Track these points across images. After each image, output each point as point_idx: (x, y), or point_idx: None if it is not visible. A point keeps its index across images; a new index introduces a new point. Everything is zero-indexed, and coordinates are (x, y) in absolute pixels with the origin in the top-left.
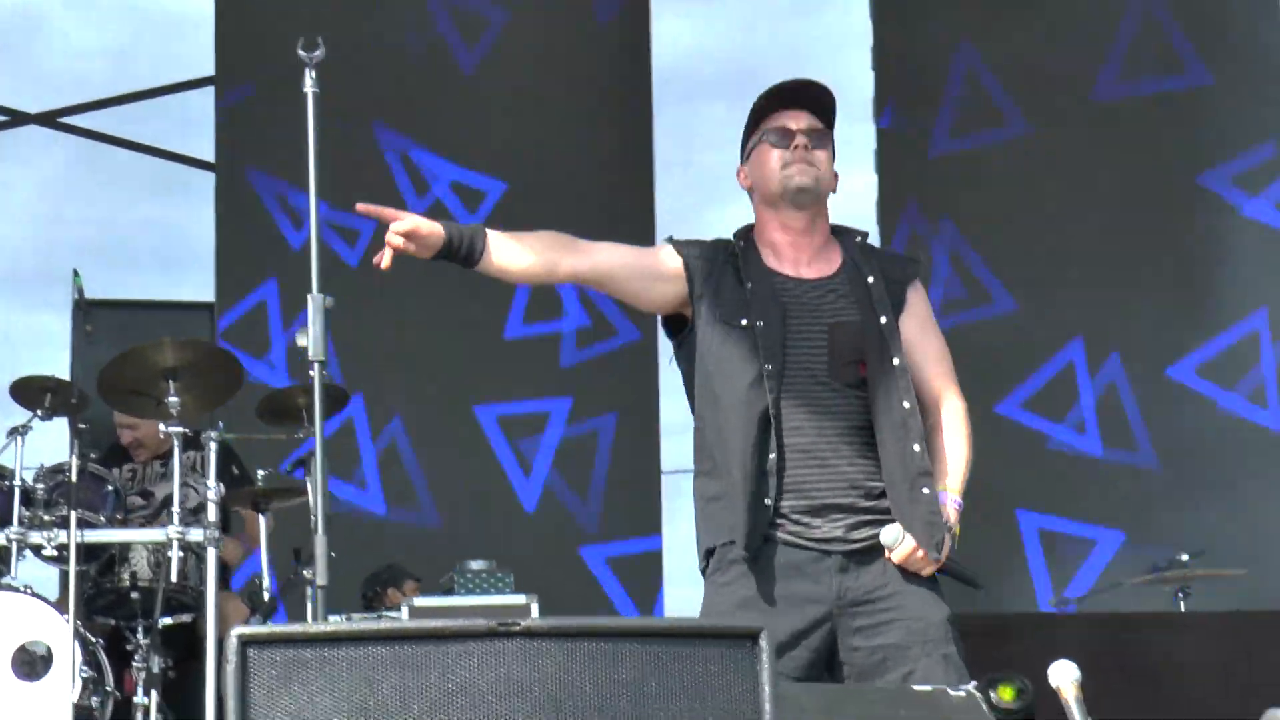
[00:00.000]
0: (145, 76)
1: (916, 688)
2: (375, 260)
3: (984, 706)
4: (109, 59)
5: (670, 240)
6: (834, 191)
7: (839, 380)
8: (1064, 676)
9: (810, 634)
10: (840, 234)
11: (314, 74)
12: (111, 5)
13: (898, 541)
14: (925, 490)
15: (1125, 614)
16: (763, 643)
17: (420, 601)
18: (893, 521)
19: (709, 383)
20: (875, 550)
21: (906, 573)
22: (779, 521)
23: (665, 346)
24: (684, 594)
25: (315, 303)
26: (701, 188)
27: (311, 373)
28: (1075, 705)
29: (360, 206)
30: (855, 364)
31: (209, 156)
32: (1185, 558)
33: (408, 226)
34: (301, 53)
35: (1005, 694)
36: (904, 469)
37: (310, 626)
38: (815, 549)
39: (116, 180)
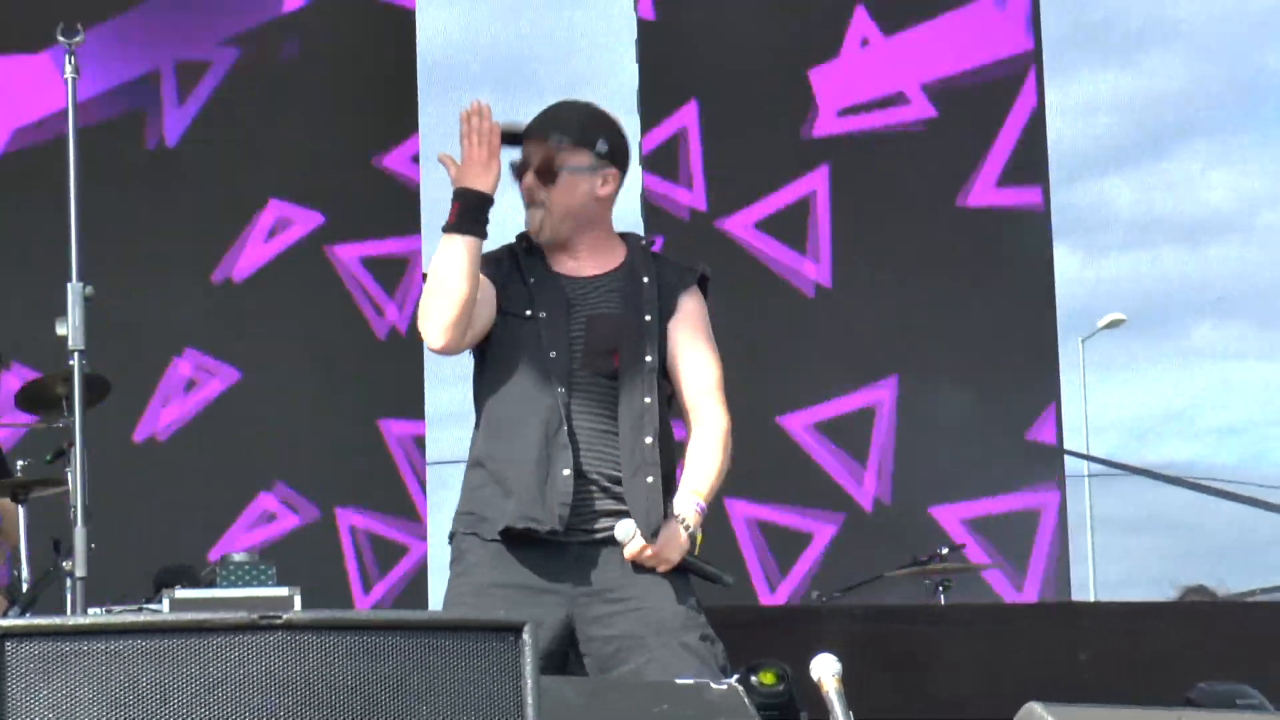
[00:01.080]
0: None
1: (679, 681)
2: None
3: (745, 700)
4: None
5: None
6: (595, 202)
7: (590, 370)
8: (825, 669)
9: (549, 623)
10: (625, 237)
11: (74, 60)
12: None
13: (629, 538)
14: (649, 480)
15: (888, 606)
16: (526, 636)
17: (181, 593)
18: (629, 516)
19: (496, 372)
20: (614, 542)
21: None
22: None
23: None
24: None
25: (74, 292)
26: None
27: (70, 362)
28: (836, 698)
29: (441, 155)
30: (609, 355)
31: None
32: (945, 550)
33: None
34: (61, 38)
35: (766, 679)
36: (632, 459)
37: (70, 620)
38: (556, 539)
39: None
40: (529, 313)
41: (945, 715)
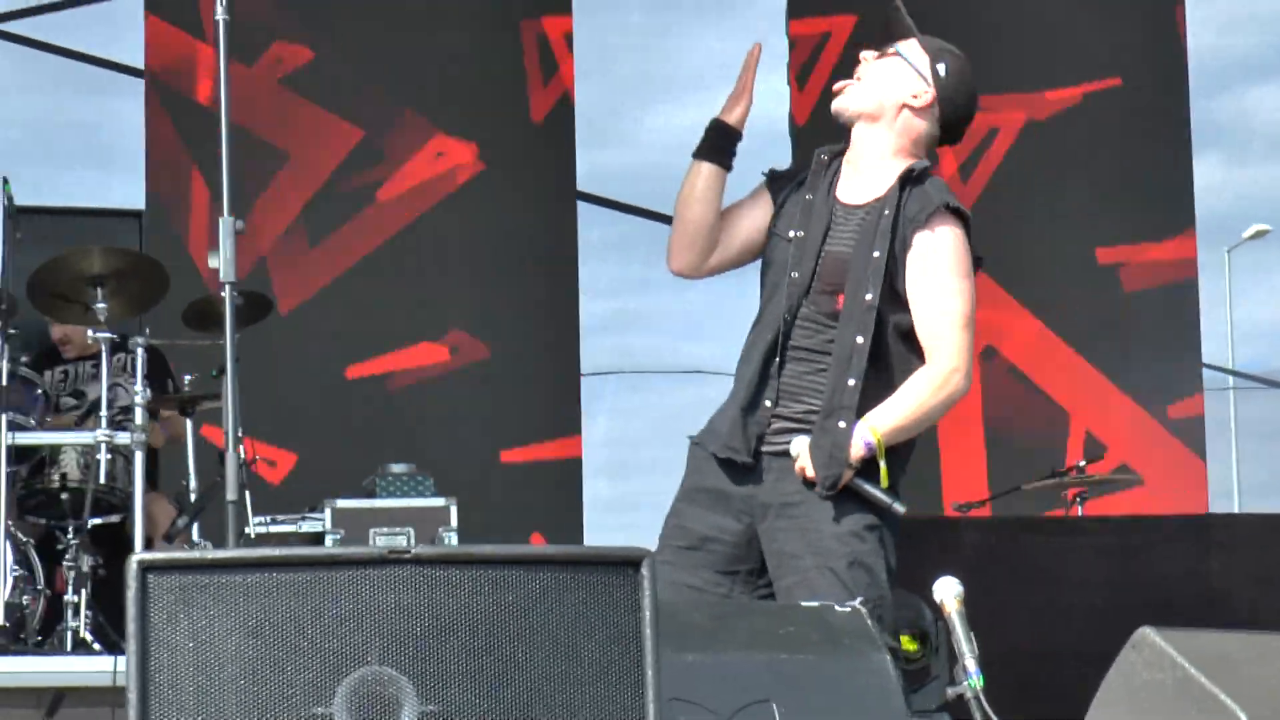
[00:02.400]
0: None
1: (804, 604)
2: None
3: (868, 622)
4: None
5: (768, 176)
6: (901, 106)
7: (815, 308)
8: (947, 591)
9: (730, 533)
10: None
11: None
12: None
13: (797, 456)
14: (841, 424)
15: (1024, 518)
16: (644, 570)
17: (342, 503)
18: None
19: (761, 291)
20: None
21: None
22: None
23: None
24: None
25: (225, 226)
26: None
27: (223, 293)
28: (958, 619)
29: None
30: (834, 294)
31: (139, 63)
32: (1082, 463)
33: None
34: None
35: (908, 645)
36: (831, 399)
37: (207, 553)
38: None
39: (46, 85)
40: (790, 234)
41: (1079, 627)
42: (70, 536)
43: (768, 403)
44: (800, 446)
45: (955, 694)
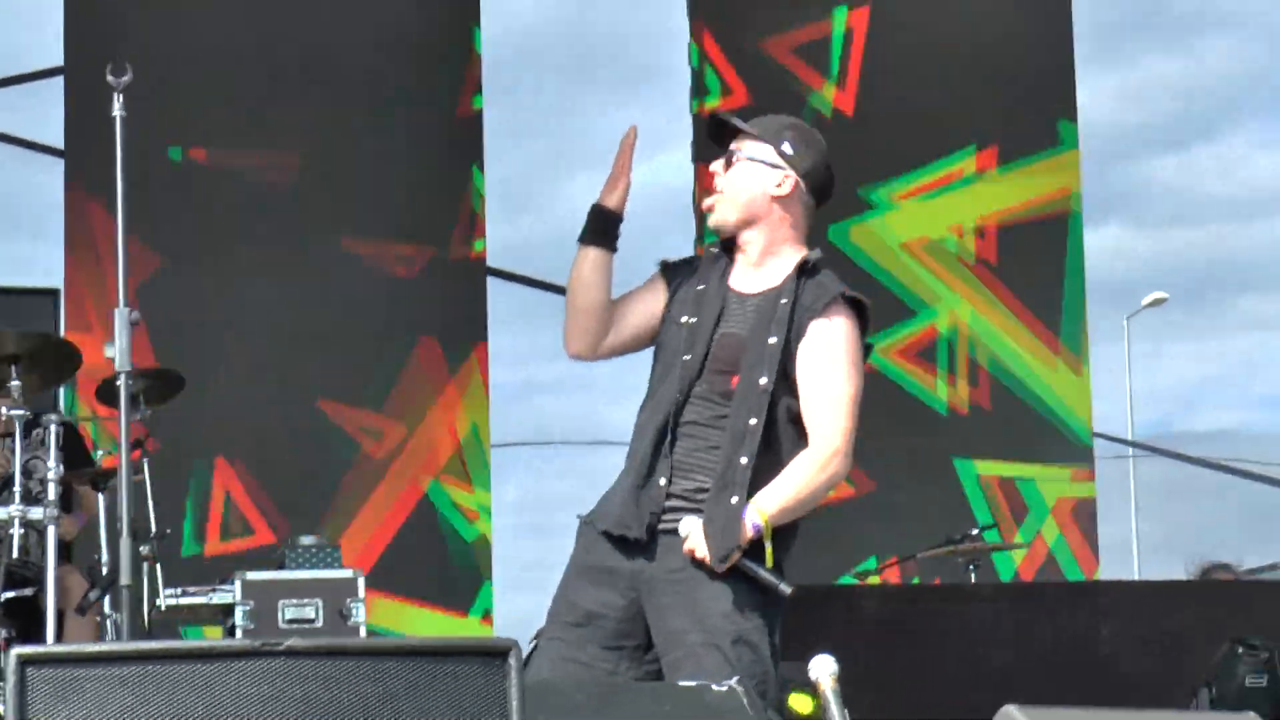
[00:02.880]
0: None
1: (682, 684)
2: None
3: (744, 701)
4: None
5: (661, 266)
6: (768, 199)
7: (708, 387)
8: (822, 670)
9: (615, 608)
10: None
11: (121, 98)
12: None
13: (686, 535)
14: (734, 500)
15: (919, 586)
16: (510, 660)
17: (252, 575)
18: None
19: (653, 372)
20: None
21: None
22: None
23: None
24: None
25: (120, 316)
26: None
27: (118, 383)
28: (833, 697)
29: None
30: (728, 375)
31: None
32: (975, 531)
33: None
34: (110, 78)
35: (800, 708)
36: (724, 476)
37: (85, 647)
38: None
39: None
40: (684, 319)
41: (975, 690)
42: None
43: (662, 480)
44: (690, 526)
45: None
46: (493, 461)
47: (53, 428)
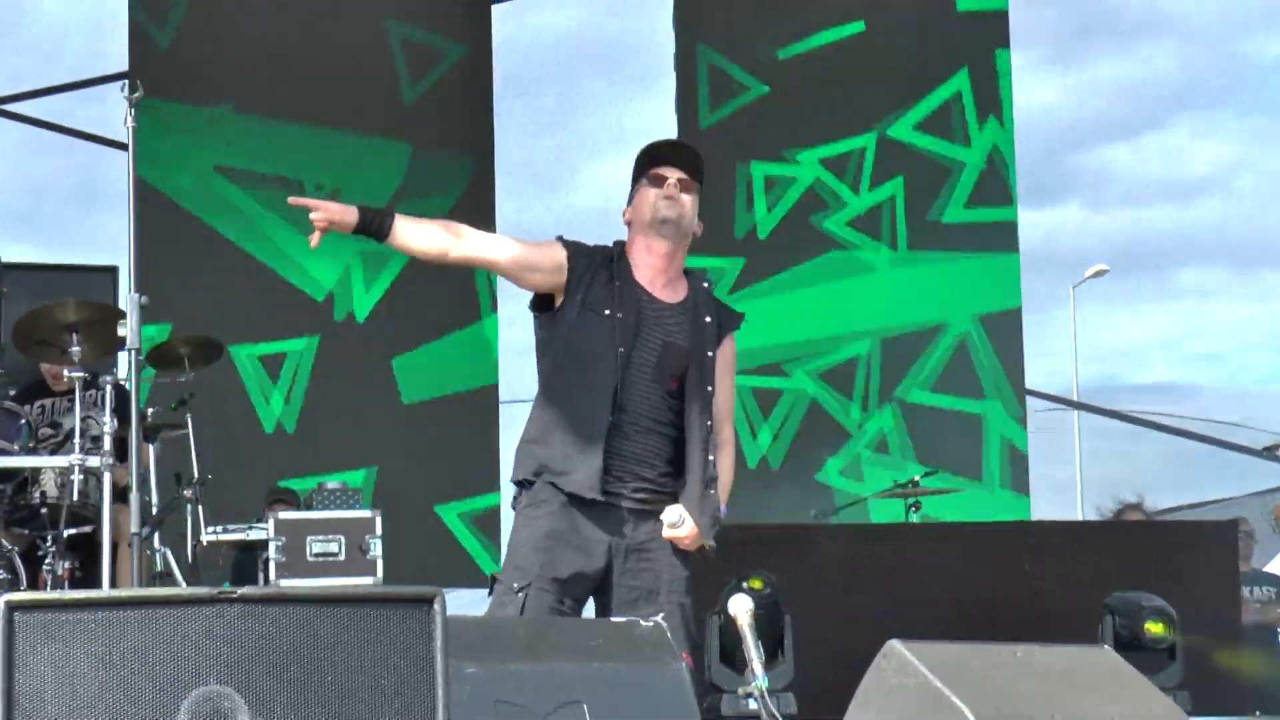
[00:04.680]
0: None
1: (613, 619)
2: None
3: (667, 635)
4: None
5: (560, 239)
6: (697, 234)
7: (660, 386)
8: (740, 607)
9: (592, 569)
10: (689, 274)
11: (133, 111)
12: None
13: (679, 522)
14: (712, 493)
15: (868, 525)
16: (436, 606)
17: (284, 515)
18: (676, 504)
19: (567, 356)
20: (652, 514)
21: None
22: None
23: None
24: None
25: (131, 301)
26: None
27: (124, 358)
28: (749, 630)
29: (291, 200)
30: (672, 378)
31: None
32: (918, 477)
33: (324, 217)
34: (124, 95)
35: (755, 584)
36: (702, 473)
37: (65, 595)
38: (609, 502)
39: (41, 157)
40: (607, 311)
41: (917, 618)
42: (49, 545)
43: (618, 460)
44: (677, 514)
45: (745, 691)
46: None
47: (108, 388)
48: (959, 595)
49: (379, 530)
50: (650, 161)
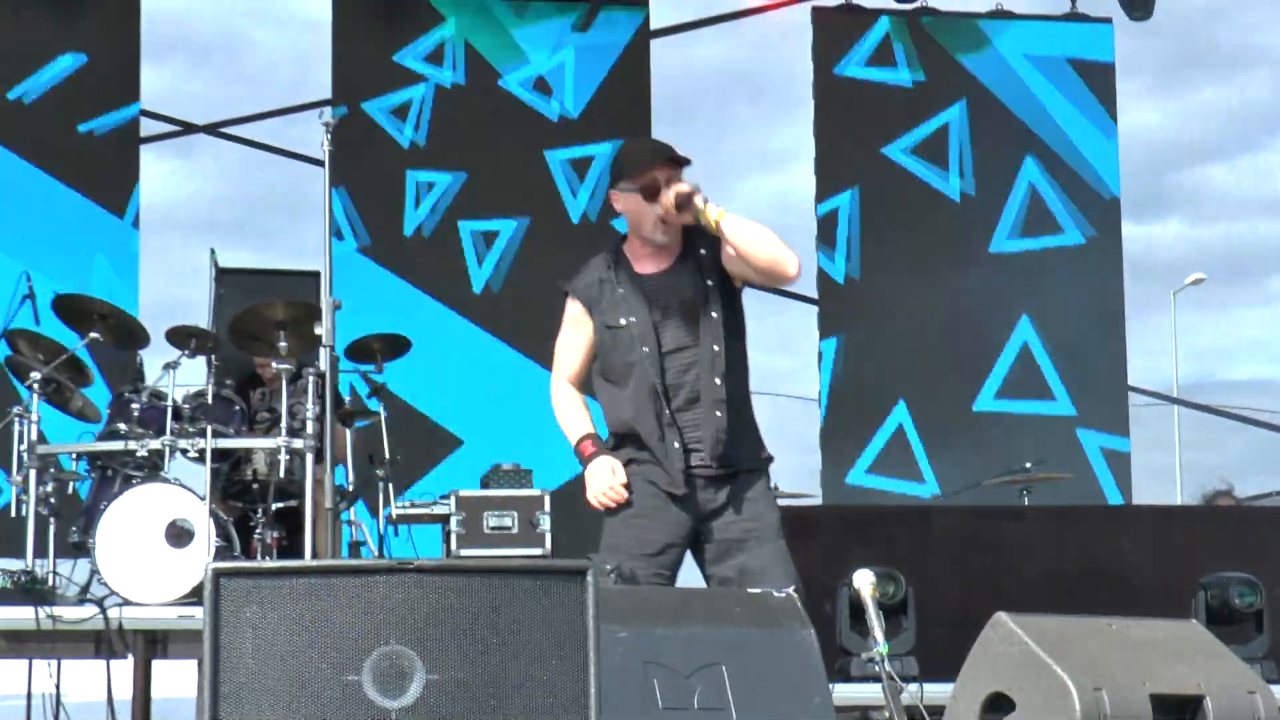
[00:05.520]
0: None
1: (750, 590)
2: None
3: (798, 604)
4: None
5: (566, 292)
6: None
7: (691, 343)
8: (863, 580)
9: (680, 538)
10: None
11: (330, 136)
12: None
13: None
14: (719, 414)
15: (983, 506)
16: (589, 577)
17: (464, 492)
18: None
19: (609, 371)
20: (726, 477)
21: (749, 487)
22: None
23: None
24: None
25: (326, 304)
26: None
27: (320, 363)
28: (871, 602)
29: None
30: (697, 326)
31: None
32: (1028, 465)
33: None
34: (319, 120)
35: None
36: (710, 396)
37: (264, 564)
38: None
39: (256, 173)
40: (622, 321)
41: (1025, 592)
42: (259, 516)
43: (676, 445)
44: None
45: (868, 656)
46: None
47: (311, 379)
48: (1063, 571)
49: (548, 507)
50: (634, 165)
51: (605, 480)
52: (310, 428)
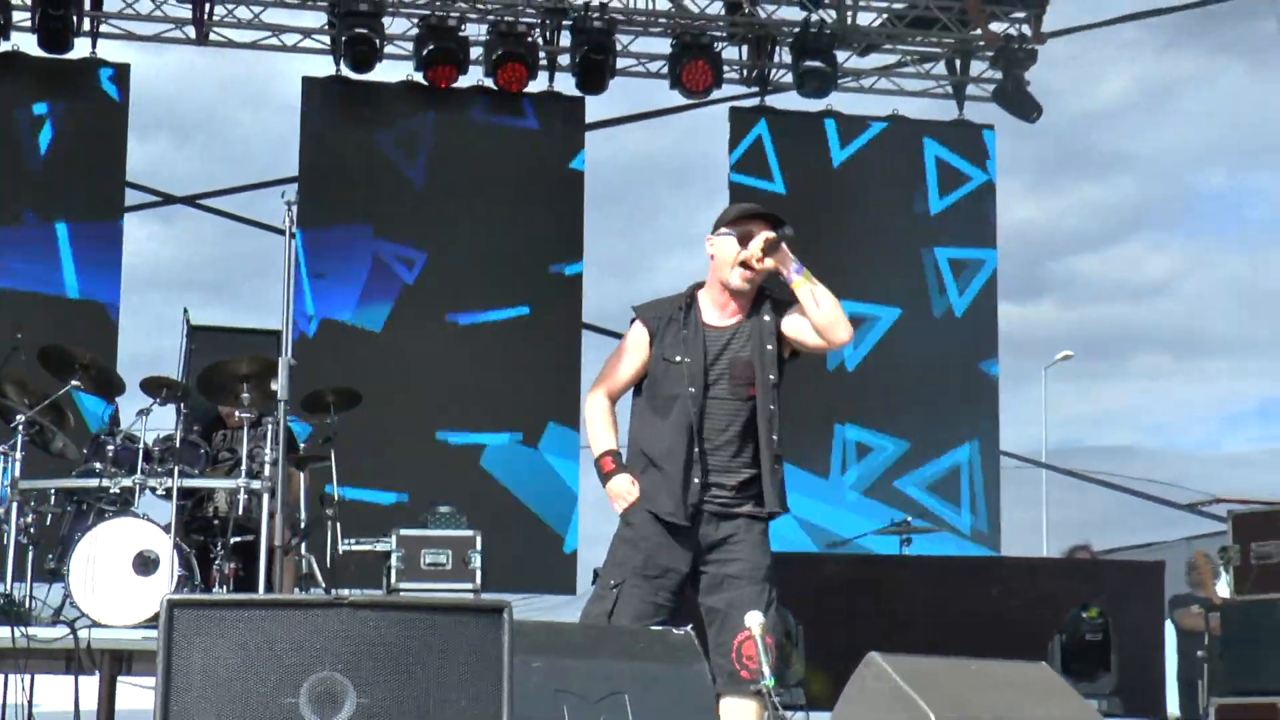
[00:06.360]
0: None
1: (652, 628)
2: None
3: (695, 642)
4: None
5: (635, 313)
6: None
7: (736, 398)
8: (753, 621)
9: (682, 565)
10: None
11: (292, 211)
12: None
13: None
14: (778, 467)
15: (869, 555)
16: (505, 615)
17: (404, 532)
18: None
19: (652, 398)
20: (732, 514)
21: (748, 532)
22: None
23: None
24: None
25: (282, 363)
26: None
27: (277, 414)
28: (760, 643)
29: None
30: (749, 385)
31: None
32: (909, 518)
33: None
34: (283, 200)
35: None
36: (770, 450)
37: (213, 596)
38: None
39: (223, 244)
40: (679, 358)
41: (903, 633)
42: (219, 549)
43: (696, 480)
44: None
45: (755, 689)
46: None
47: (270, 426)
48: (940, 615)
49: (479, 546)
50: (742, 217)
51: (626, 490)
52: (267, 470)
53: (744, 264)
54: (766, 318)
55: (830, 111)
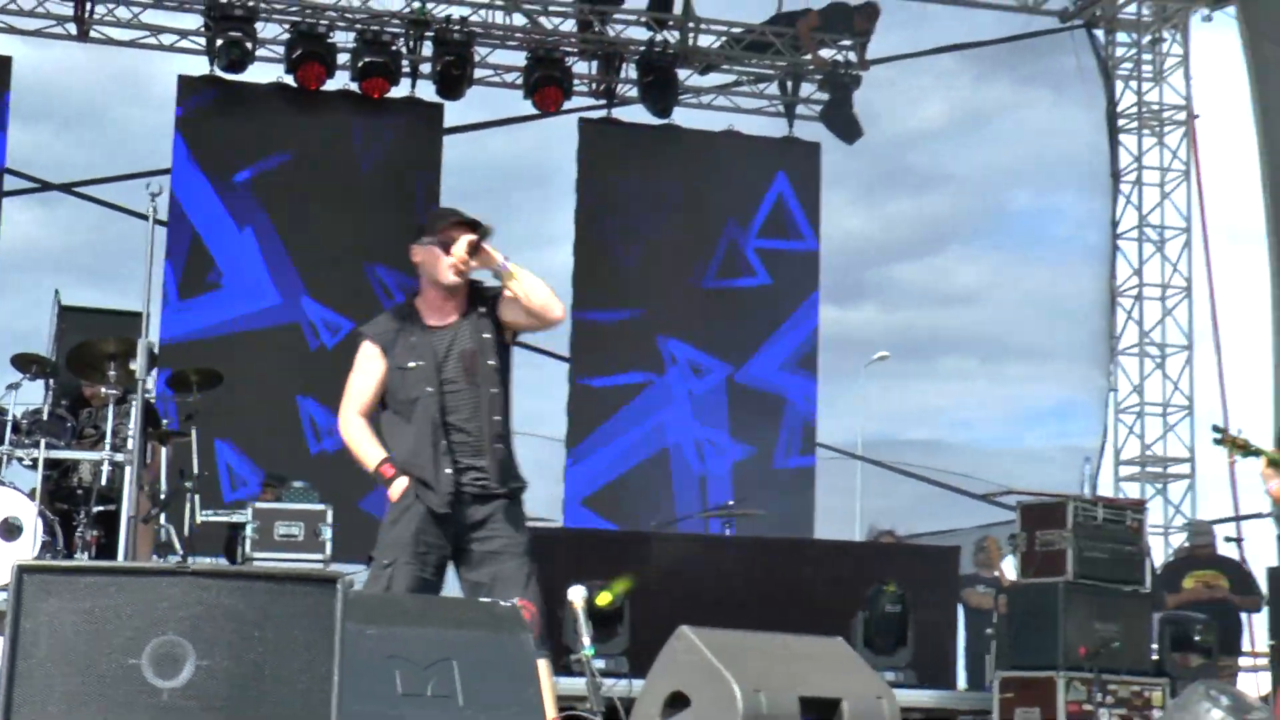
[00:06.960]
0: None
1: (481, 600)
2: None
3: (520, 616)
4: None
5: (362, 336)
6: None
7: (473, 386)
8: (576, 595)
9: (446, 544)
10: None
11: (155, 204)
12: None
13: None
14: (499, 446)
15: (694, 535)
16: (339, 586)
17: (259, 504)
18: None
19: (396, 404)
20: (489, 495)
21: (508, 509)
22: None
23: None
24: None
25: (141, 345)
26: None
27: (135, 395)
28: (581, 612)
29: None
30: (470, 372)
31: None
32: (732, 502)
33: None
34: (148, 191)
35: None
36: (490, 432)
37: (61, 563)
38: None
39: (94, 229)
40: (411, 364)
41: (720, 608)
42: (82, 517)
43: (448, 471)
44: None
45: (575, 659)
46: None
47: (135, 402)
48: (756, 592)
49: (330, 519)
50: (443, 224)
51: (406, 488)
52: (131, 444)
53: (453, 267)
54: (482, 309)
55: (671, 125)
